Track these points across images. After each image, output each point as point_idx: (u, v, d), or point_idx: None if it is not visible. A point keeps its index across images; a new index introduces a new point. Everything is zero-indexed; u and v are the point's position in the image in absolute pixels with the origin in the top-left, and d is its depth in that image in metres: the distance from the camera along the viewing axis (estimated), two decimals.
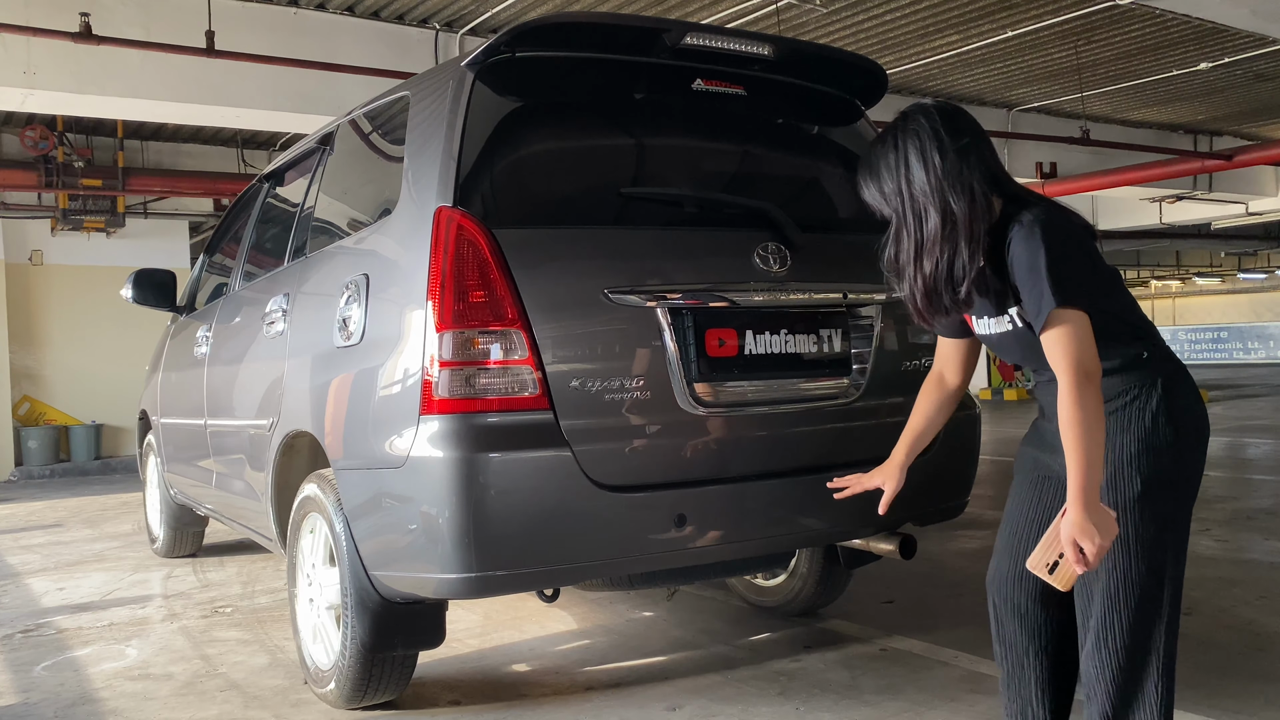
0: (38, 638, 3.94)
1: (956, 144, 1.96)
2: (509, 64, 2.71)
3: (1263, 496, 6.39)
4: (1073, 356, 1.85)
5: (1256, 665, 3.15)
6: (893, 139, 2.01)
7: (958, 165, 1.94)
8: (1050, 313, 1.85)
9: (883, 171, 2.02)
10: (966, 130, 2.00)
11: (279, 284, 3.48)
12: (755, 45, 2.93)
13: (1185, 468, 1.98)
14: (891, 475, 2.40)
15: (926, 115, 1.99)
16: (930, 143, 1.96)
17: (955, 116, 2.01)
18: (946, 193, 1.94)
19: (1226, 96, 11.11)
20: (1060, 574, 1.89)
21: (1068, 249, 1.89)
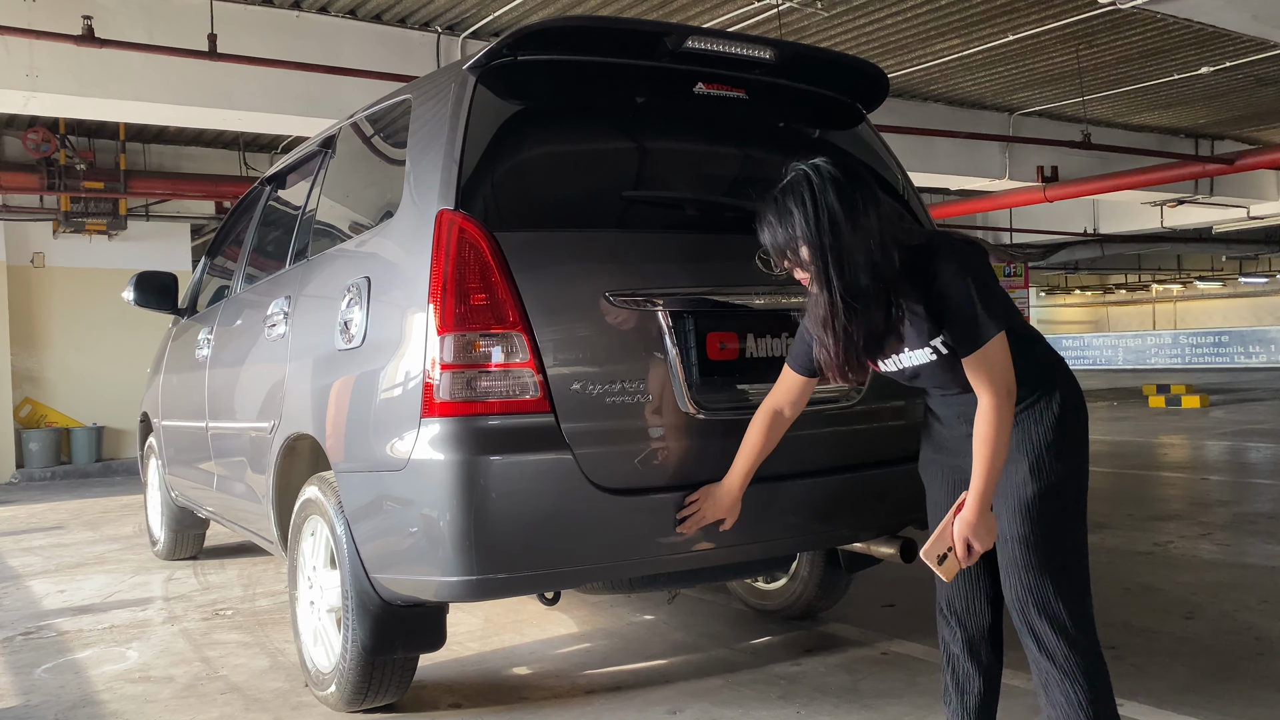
0: (39, 640, 3.94)
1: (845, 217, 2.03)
2: (511, 67, 2.72)
3: (1264, 501, 6.39)
4: (1001, 377, 2.05)
5: (1257, 670, 3.15)
6: (793, 201, 2.06)
7: (850, 242, 2.03)
8: (984, 343, 2.02)
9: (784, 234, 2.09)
10: (861, 187, 2.07)
11: (280, 287, 3.48)
12: (757, 49, 2.93)
13: (1085, 446, 2.18)
14: (732, 509, 2.55)
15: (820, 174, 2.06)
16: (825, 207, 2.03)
17: (851, 174, 2.09)
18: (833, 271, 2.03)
19: (1228, 101, 11.12)
20: (947, 566, 2.14)
21: (986, 275, 2.06)
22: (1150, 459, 8.90)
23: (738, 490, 2.51)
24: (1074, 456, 2.15)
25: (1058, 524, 2.12)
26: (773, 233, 2.10)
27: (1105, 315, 39.48)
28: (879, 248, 2.04)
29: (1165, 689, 2.98)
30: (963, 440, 2.21)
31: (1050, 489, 2.11)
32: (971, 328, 2.03)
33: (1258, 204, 14.74)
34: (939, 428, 2.30)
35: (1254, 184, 14.22)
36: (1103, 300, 38.91)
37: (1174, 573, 4.42)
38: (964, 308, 2.03)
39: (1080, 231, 17.13)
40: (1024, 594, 2.12)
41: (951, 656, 2.36)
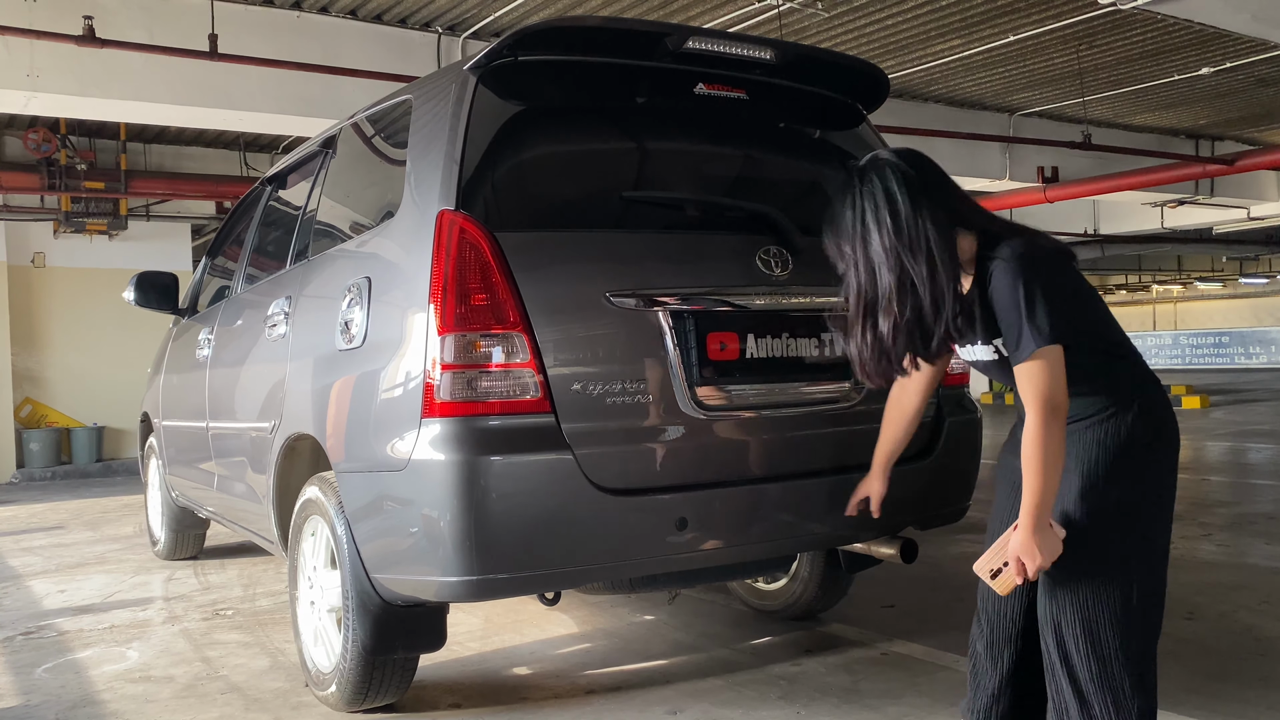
0: (39, 640, 3.94)
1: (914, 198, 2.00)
2: (511, 68, 2.72)
3: (1264, 501, 6.39)
4: (1043, 394, 1.92)
5: (1257, 670, 3.15)
6: (851, 197, 2.06)
7: (915, 224, 1.99)
8: (1030, 355, 1.92)
9: (842, 230, 2.08)
10: (928, 180, 2.04)
11: (281, 287, 3.48)
12: (757, 49, 2.94)
13: (1156, 484, 2.02)
14: (875, 487, 2.58)
15: (882, 173, 2.04)
16: (884, 203, 2.01)
17: (917, 166, 2.06)
18: (902, 254, 1.99)
19: (1228, 101, 11.12)
20: (1001, 580, 2.00)
21: (1044, 284, 1.95)
22: None
23: (879, 470, 2.58)
24: (1136, 483, 2.00)
25: (1101, 550, 1.98)
26: (838, 228, 2.10)
27: None
28: (943, 243, 1.99)
29: (1165, 689, 2.97)
30: None
31: (1097, 512, 1.98)
32: (1014, 338, 1.94)
33: (1258, 205, 14.74)
34: (1017, 425, 2.21)
35: (1254, 185, 14.21)
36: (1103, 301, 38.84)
37: (1174, 573, 4.39)
38: (1009, 317, 1.95)
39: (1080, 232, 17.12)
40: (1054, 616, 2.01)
41: (974, 653, 2.27)
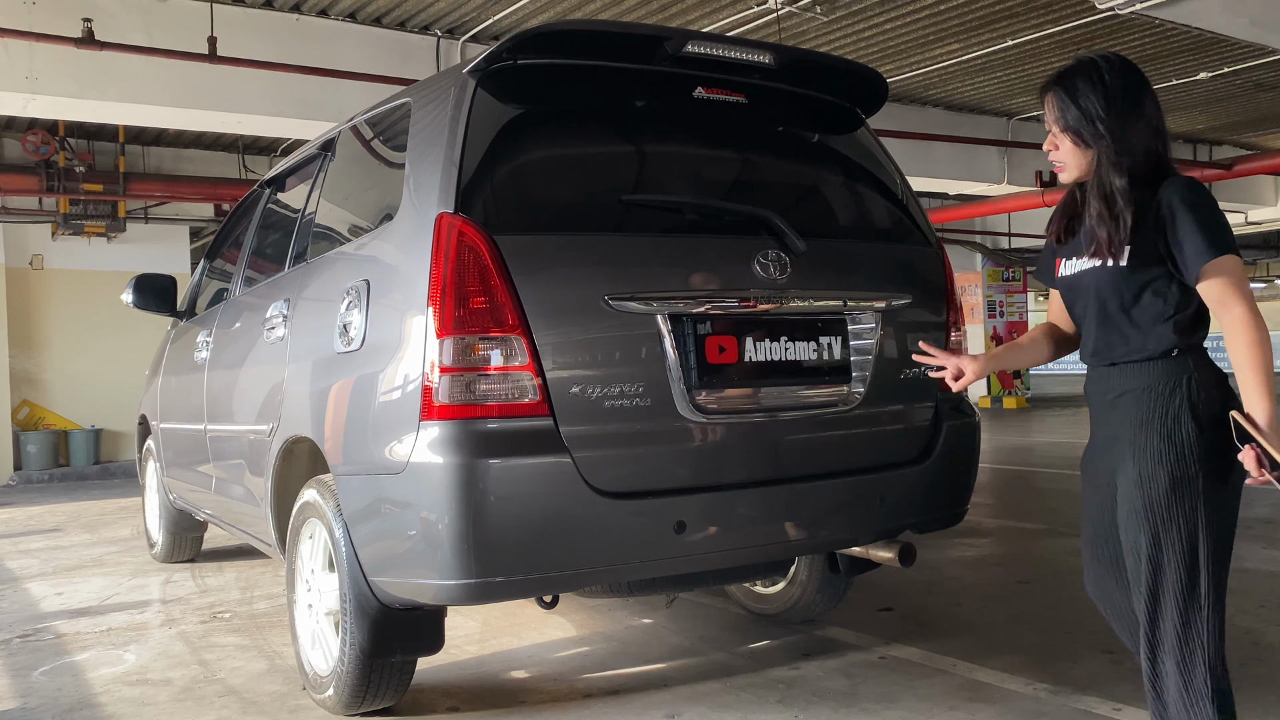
0: (36, 642, 3.93)
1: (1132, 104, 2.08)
2: (511, 71, 2.72)
3: (1262, 506, 6.39)
4: (1245, 289, 1.97)
5: (1255, 674, 3.15)
6: (1097, 80, 2.08)
7: (1133, 127, 2.07)
8: (1224, 255, 1.95)
9: (1091, 106, 2.08)
10: (1142, 90, 2.11)
11: (280, 289, 3.48)
12: (756, 53, 2.94)
13: (1216, 463, 2.00)
14: (969, 364, 2.35)
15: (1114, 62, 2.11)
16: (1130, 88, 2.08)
17: (1129, 74, 2.12)
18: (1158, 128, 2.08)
19: (1226, 106, 11.14)
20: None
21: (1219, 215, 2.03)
22: None
23: (984, 356, 2.39)
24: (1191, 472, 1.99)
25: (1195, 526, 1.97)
26: (1063, 109, 2.12)
27: None
28: (1152, 141, 2.07)
29: None
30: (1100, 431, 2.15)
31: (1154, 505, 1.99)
32: (1209, 241, 1.96)
33: (1256, 209, 14.78)
34: (1093, 423, 2.21)
35: (1252, 189, 14.25)
36: None
37: None
38: (1198, 221, 1.97)
39: None
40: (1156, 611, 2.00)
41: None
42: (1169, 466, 1.98)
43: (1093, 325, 2.13)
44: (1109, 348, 2.11)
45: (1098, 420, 2.18)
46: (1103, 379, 2.14)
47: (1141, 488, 2.00)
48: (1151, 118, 2.09)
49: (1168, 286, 2.04)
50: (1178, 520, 1.98)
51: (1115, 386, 2.09)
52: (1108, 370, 2.12)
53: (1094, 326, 2.13)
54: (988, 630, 3.69)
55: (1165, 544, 1.98)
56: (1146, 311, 2.05)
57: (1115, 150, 2.06)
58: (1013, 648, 3.45)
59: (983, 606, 4.03)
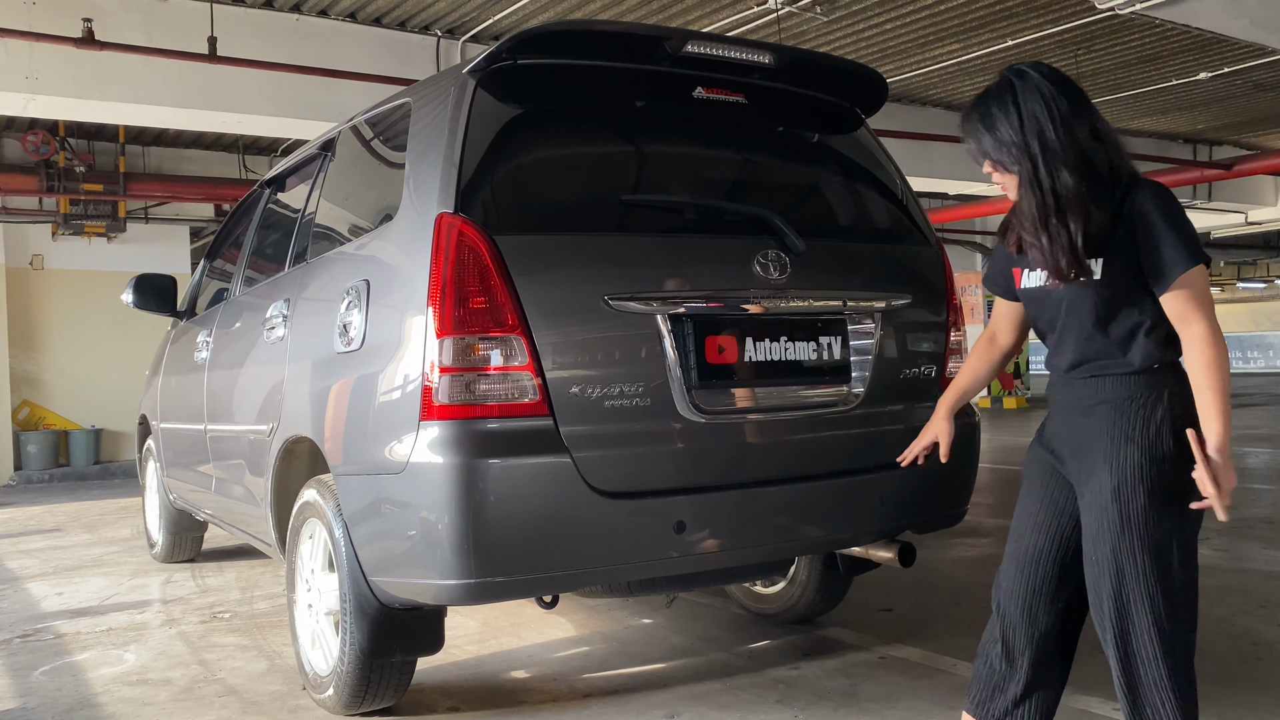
0: (36, 642, 3.94)
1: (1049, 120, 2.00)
2: (511, 71, 2.72)
3: (1262, 506, 6.39)
4: (1210, 302, 1.94)
5: (1255, 674, 3.15)
6: (1012, 101, 2.02)
7: (1056, 145, 1.99)
8: (1195, 267, 1.92)
9: (1006, 136, 2.03)
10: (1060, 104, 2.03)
11: (280, 289, 3.49)
12: (756, 53, 2.94)
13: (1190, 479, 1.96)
14: (941, 428, 2.43)
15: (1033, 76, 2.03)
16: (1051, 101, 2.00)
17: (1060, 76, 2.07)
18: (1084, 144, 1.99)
19: (1226, 106, 11.14)
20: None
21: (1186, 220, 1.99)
22: None
23: (944, 411, 2.43)
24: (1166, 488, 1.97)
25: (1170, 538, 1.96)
26: (978, 138, 2.08)
27: None
28: (1088, 152, 1.99)
29: None
30: (1063, 441, 2.09)
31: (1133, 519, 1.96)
32: (1180, 250, 1.92)
33: (1256, 209, 14.77)
34: (1049, 425, 2.17)
35: (1252, 189, 14.25)
36: None
37: None
38: (1170, 231, 1.93)
39: None
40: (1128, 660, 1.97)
41: (985, 655, 2.20)
42: (1150, 481, 1.95)
43: (1070, 337, 2.06)
44: (1087, 359, 2.04)
45: (1065, 427, 2.10)
46: (1078, 388, 2.07)
47: (1120, 501, 1.96)
48: (1083, 126, 2.02)
49: (1144, 297, 1.98)
50: (1156, 534, 1.95)
51: (1093, 396, 2.03)
52: (1085, 381, 2.05)
53: (1070, 338, 2.06)
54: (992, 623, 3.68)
55: (1143, 557, 1.94)
56: (1125, 323, 2.00)
57: (1041, 171, 2.00)
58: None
59: (983, 607, 4.01)
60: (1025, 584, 2.13)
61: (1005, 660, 2.15)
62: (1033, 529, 2.14)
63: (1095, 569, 1.99)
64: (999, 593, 2.18)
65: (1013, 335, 2.33)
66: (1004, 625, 2.15)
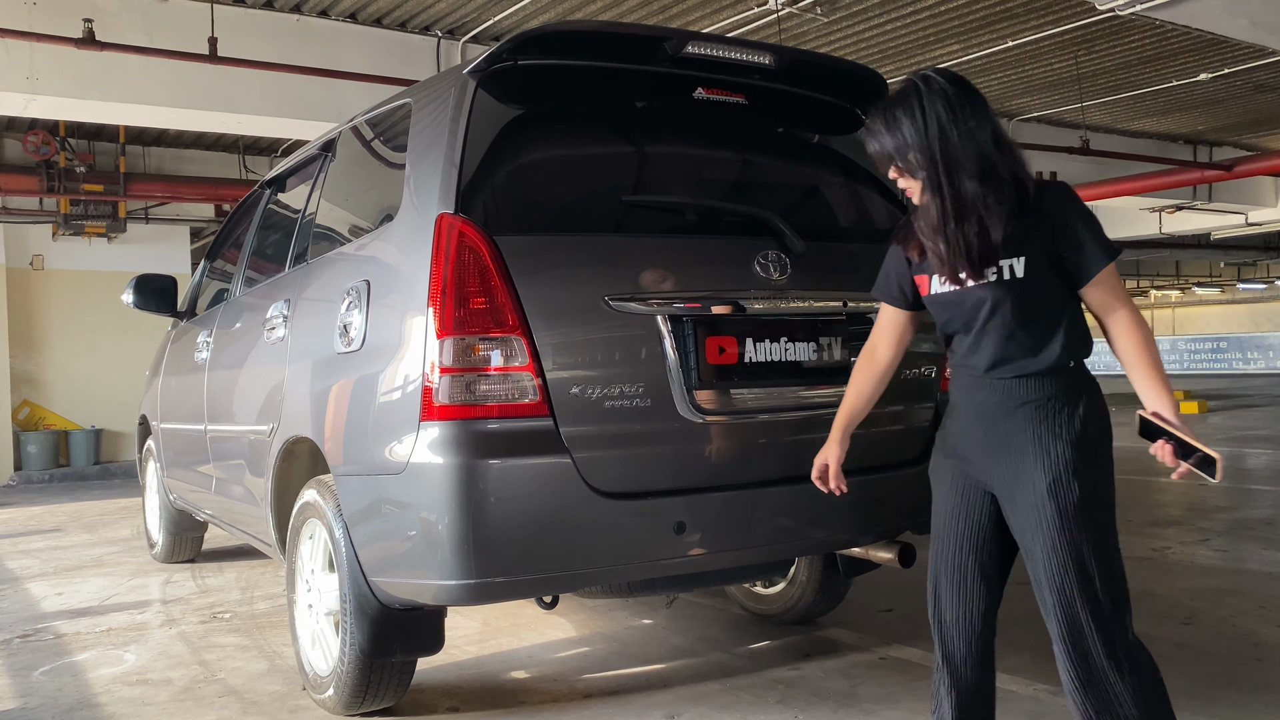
0: (36, 642, 3.94)
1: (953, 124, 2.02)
2: (511, 72, 2.72)
3: (1262, 507, 6.39)
4: (1129, 296, 2.04)
5: (1255, 675, 3.15)
6: (916, 104, 2.04)
7: (959, 149, 2.01)
8: (1113, 260, 2.02)
9: (907, 139, 2.05)
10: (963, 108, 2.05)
11: (280, 290, 3.49)
12: (756, 54, 2.94)
13: (1109, 467, 2.09)
14: (831, 453, 2.39)
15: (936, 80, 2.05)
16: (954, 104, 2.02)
17: (960, 79, 2.09)
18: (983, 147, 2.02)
19: (1226, 107, 11.14)
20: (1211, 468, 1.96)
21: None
22: (1148, 465, 8.86)
23: (836, 441, 2.39)
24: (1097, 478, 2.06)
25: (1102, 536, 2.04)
26: (881, 141, 2.09)
27: None
28: (989, 156, 2.02)
29: None
30: (977, 445, 2.12)
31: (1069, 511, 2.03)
32: (1102, 245, 2.02)
33: (1256, 210, 14.77)
34: (957, 430, 2.19)
35: (1252, 190, 14.24)
36: None
37: (1172, 578, 4.42)
38: (1091, 229, 2.03)
39: None
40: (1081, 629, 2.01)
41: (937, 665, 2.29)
42: (1082, 475, 2.00)
43: (990, 338, 2.07)
44: (1010, 359, 2.06)
45: (980, 429, 2.11)
46: (998, 389, 2.08)
47: (1056, 497, 2.00)
48: (985, 132, 2.03)
49: (1064, 294, 2.04)
50: (1093, 524, 2.02)
51: (1015, 397, 2.05)
52: (1006, 381, 2.07)
53: (991, 339, 2.07)
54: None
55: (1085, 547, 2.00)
56: (1048, 321, 2.03)
57: (943, 175, 2.01)
58: (1013, 648, 3.44)
59: None
60: (955, 590, 2.21)
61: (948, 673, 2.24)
62: (953, 536, 2.20)
63: (1037, 563, 2.05)
64: (933, 601, 2.26)
65: (895, 348, 2.34)
66: (941, 636, 2.24)
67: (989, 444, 2.10)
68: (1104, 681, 2.00)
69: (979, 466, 2.13)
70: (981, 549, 2.18)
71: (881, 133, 2.09)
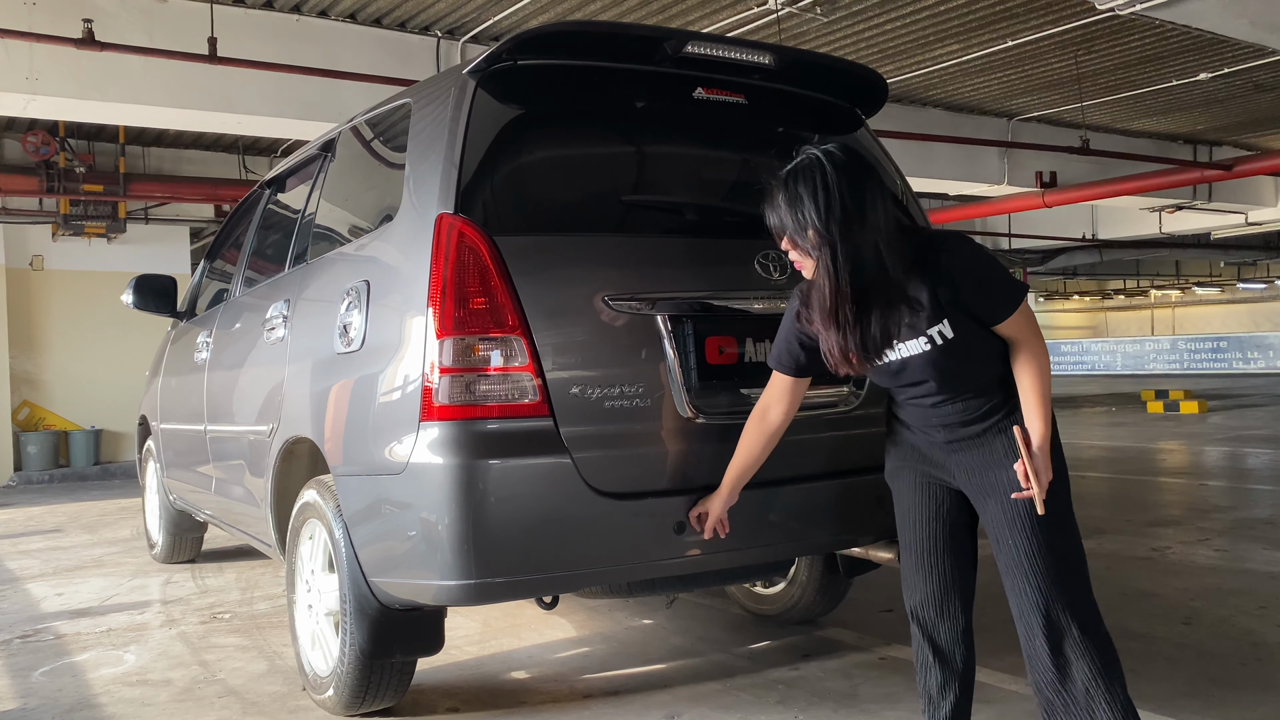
0: (36, 643, 3.94)
1: (874, 182, 2.08)
2: (510, 72, 2.72)
3: (1262, 506, 6.39)
4: (1038, 329, 2.14)
5: (1255, 675, 3.15)
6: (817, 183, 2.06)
7: (859, 234, 2.04)
8: (1023, 298, 2.11)
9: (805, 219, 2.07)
10: (871, 168, 2.11)
11: (280, 290, 3.48)
12: (756, 54, 2.94)
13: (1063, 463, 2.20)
14: (714, 504, 2.52)
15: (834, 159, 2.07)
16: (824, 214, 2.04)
17: (857, 155, 2.12)
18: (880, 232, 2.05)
19: (1226, 107, 11.13)
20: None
21: (992, 258, 2.15)
22: (1148, 464, 8.91)
23: (724, 494, 2.51)
24: (1060, 459, 2.19)
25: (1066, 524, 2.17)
26: (780, 216, 2.11)
27: (1104, 321, 39.51)
28: (886, 240, 2.05)
29: (1163, 694, 2.98)
30: (939, 448, 2.23)
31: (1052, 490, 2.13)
32: (1007, 291, 2.10)
33: (1256, 210, 14.76)
34: (909, 435, 2.31)
35: (1252, 190, 14.24)
36: (1101, 306, 38.95)
37: (1172, 578, 4.42)
38: (994, 278, 2.10)
39: (1079, 237, 17.15)
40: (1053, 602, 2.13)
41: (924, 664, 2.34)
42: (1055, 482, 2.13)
43: (935, 385, 2.16)
44: (959, 395, 2.18)
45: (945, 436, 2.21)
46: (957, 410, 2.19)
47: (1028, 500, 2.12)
48: (887, 204, 2.08)
49: (988, 331, 2.13)
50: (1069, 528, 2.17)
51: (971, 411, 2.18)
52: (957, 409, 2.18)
53: (936, 385, 2.16)
54: (988, 631, 3.67)
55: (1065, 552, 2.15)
56: (984, 358, 2.15)
57: (840, 259, 2.04)
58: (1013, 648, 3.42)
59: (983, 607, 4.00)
60: (933, 586, 2.29)
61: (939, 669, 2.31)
62: (925, 535, 2.30)
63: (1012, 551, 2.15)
64: (912, 602, 2.33)
65: (789, 411, 2.42)
66: (927, 633, 2.31)
67: (952, 448, 2.21)
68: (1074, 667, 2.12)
69: (943, 468, 2.24)
70: (952, 541, 2.28)
71: (781, 207, 2.11)
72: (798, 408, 2.44)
